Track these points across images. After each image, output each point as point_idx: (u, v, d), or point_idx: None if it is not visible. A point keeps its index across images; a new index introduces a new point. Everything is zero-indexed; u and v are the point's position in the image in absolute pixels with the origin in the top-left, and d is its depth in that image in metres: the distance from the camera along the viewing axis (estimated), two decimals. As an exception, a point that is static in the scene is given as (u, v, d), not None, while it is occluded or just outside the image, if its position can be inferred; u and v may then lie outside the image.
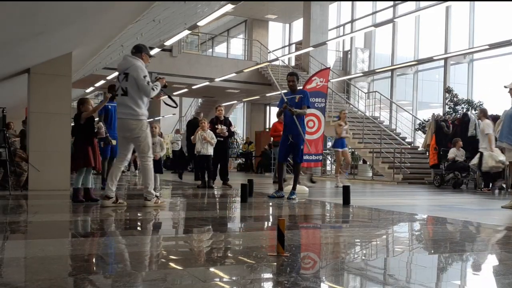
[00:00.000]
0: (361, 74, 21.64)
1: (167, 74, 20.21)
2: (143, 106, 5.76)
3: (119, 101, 5.85)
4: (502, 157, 9.86)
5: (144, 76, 5.66)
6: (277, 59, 20.48)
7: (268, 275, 2.72)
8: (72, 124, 6.77)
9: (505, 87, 6.73)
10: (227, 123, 10.11)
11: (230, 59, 23.97)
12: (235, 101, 25.97)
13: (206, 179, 9.83)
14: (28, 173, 8.19)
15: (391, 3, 19.73)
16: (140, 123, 5.72)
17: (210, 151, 9.49)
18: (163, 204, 6.07)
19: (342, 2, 22.85)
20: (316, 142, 9.80)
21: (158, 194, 6.60)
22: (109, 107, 8.07)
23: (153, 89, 5.72)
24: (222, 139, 9.88)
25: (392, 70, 20.02)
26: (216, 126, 9.81)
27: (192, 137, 9.87)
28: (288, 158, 8.18)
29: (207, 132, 9.42)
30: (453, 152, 11.86)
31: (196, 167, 11.22)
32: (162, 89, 6.02)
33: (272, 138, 12.60)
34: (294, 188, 7.56)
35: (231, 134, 10.55)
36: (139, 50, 5.90)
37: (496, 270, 3.02)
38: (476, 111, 13.77)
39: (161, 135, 18.55)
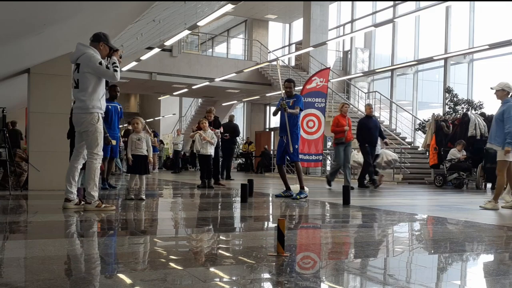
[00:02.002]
0: (361, 74, 21.65)
1: (167, 74, 20.30)
2: (96, 98, 5.30)
3: (73, 95, 5.48)
4: (359, 159, 11.95)
5: (100, 63, 5.22)
6: (277, 59, 20.47)
7: (268, 275, 2.72)
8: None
9: (491, 88, 6.79)
10: (216, 123, 10.15)
11: (230, 59, 23.99)
12: (235, 101, 25.98)
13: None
14: (28, 173, 8.19)
15: (391, 3, 19.73)
16: (90, 116, 5.28)
17: (210, 151, 9.48)
18: (108, 208, 5.49)
19: (342, 2, 22.86)
20: (316, 142, 9.81)
21: (132, 196, 6.39)
22: (110, 107, 8.09)
23: (115, 70, 5.25)
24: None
25: (392, 70, 20.03)
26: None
27: (190, 135, 9.85)
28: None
29: (207, 132, 9.41)
30: (455, 153, 11.88)
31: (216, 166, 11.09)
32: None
33: (333, 135, 10.79)
34: (301, 187, 7.56)
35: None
36: (97, 39, 5.39)
37: (496, 270, 3.02)
38: (476, 111, 13.79)
39: (154, 134, 18.54)
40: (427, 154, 14.31)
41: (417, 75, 19.63)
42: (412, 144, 16.85)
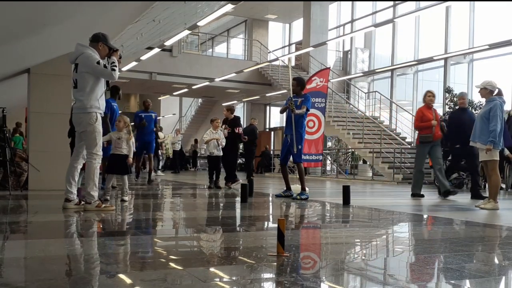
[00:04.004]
0: (361, 74, 21.66)
1: (167, 74, 20.30)
2: (94, 97, 5.29)
3: (72, 95, 5.49)
4: None
5: (98, 62, 5.22)
6: (277, 59, 20.49)
7: (268, 275, 2.72)
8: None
9: (477, 87, 6.84)
10: (236, 123, 10.10)
11: (230, 59, 23.99)
12: (235, 101, 25.99)
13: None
14: (28, 173, 8.19)
15: (391, 3, 19.73)
16: (88, 116, 5.28)
17: (220, 152, 9.65)
18: (108, 208, 5.48)
19: (342, 2, 22.86)
20: (316, 142, 9.81)
21: (108, 197, 6.25)
22: (114, 106, 8.14)
23: (113, 69, 5.25)
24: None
25: (392, 70, 20.04)
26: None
27: (206, 140, 9.65)
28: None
29: (218, 132, 9.48)
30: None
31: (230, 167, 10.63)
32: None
33: (417, 132, 9.00)
34: (303, 188, 7.54)
35: (235, 135, 10.10)
36: (96, 39, 5.40)
37: (496, 270, 3.02)
38: (476, 111, 13.78)
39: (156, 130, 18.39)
40: (427, 154, 14.29)
41: (417, 75, 19.63)
42: (412, 144, 16.83)
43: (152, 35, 10.26)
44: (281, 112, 8.08)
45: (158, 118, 10.88)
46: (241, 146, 13.90)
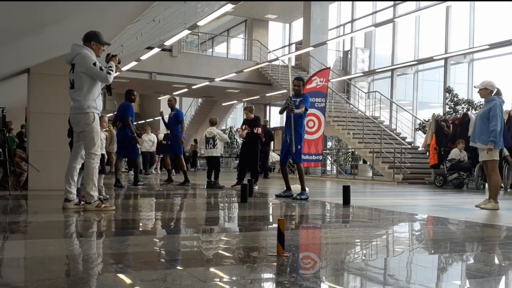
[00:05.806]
0: (361, 74, 21.65)
1: (167, 74, 20.29)
2: (91, 98, 5.31)
3: (69, 95, 5.49)
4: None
5: (94, 63, 5.25)
6: (277, 59, 20.49)
7: (268, 275, 2.72)
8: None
9: (476, 87, 6.85)
10: (255, 123, 10.27)
11: (230, 59, 23.98)
12: (235, 101, 25.98)
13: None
14: (27, 173, 8.19)
15: (391, 3, 19.73)
16: (86, 116, 5.29)
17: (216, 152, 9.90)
18: (108, 208, 5.47)
19: (342, 2, 22.86)
20: (316, 142, 9.80)
21: (101, 196, 6.22)
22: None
23: (109, 73, 5.27)
24: (244, 139, 10.31)
25: (392, 70, 20.03)
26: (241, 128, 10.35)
27: (225, 136, 10.20)
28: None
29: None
30: (457, 153, 11.88)
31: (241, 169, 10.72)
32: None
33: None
34: (303, 188, 7.54)
35: (254, 135, 10.21)
36: (88, 39, 5.41)
37: (496, 270, 3.01)
38: (477, 111, 13.78)
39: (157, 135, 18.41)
40: (427, 154, 14.30)
41: (417, 75, 19.63)
42: (412, 144, 16.84)
43: (152, 35, 10.26)
44: (280, 112, 8.09)
45: (183, 115, 10.95)
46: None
